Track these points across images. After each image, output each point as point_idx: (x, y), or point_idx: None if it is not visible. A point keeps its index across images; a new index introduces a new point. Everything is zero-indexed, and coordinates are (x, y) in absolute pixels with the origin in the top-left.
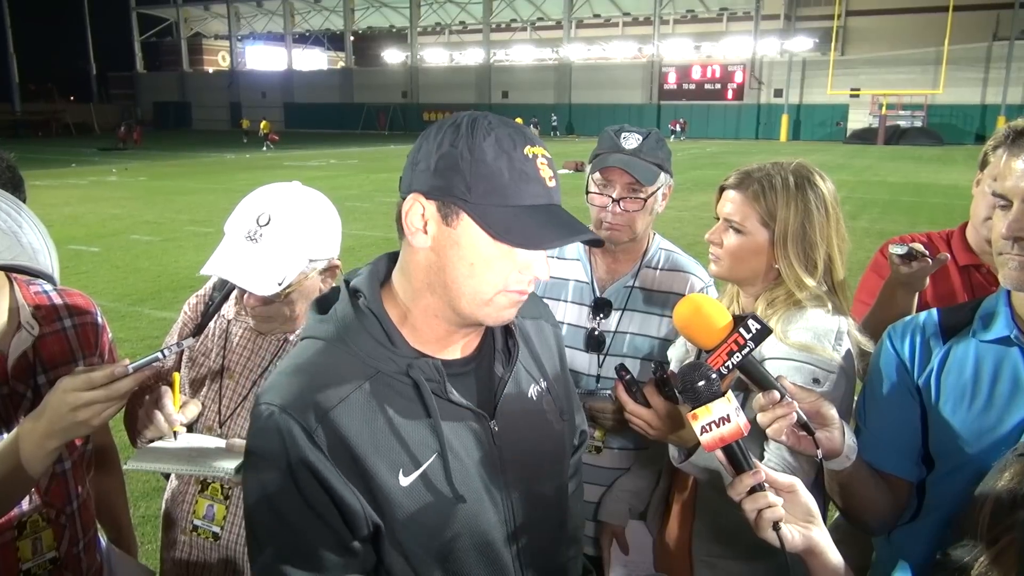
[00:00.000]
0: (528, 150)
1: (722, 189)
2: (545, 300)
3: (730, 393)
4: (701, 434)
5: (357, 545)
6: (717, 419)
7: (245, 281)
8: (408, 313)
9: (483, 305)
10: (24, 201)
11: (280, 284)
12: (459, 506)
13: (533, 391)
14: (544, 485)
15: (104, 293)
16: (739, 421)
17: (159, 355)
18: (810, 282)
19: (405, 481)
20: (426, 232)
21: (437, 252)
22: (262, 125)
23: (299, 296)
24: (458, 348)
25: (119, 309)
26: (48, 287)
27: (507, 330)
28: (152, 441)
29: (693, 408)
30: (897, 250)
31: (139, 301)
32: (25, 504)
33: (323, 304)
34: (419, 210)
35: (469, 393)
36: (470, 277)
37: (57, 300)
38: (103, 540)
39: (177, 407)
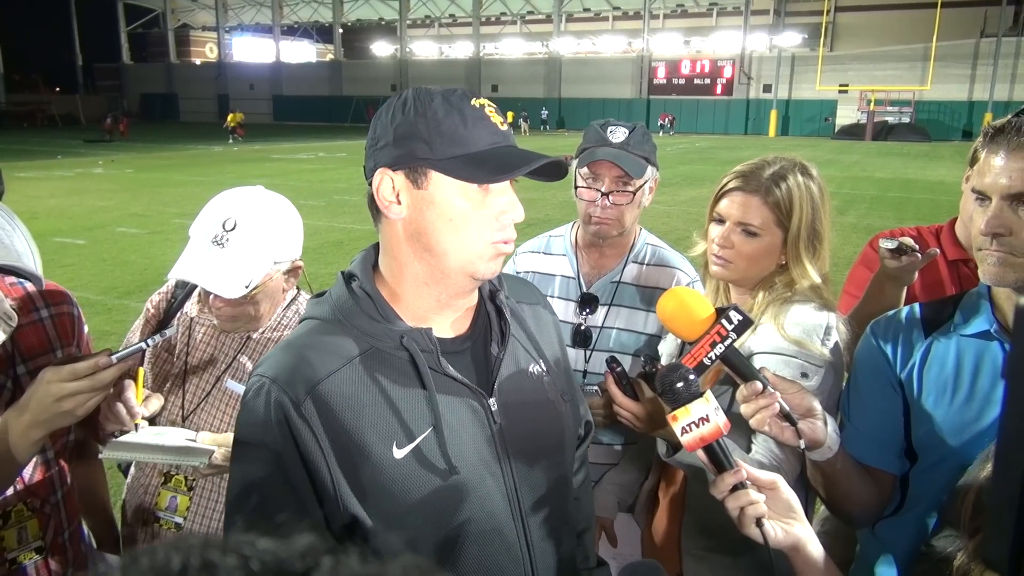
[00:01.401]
0: (475, 101)
1: (723, 191)
2: None
3: (709, 393)
4: (682, 435)
5: (321, 521)
6: (696, 419)
7: (214, 285)
8: (398, 290)
9: (471, 259)
10: (1, 193)
11: (247, 287)
12: (454, 479)
13: (532, 371)
14: (549, 465)
15: (90, 286)
16: (718, 421)
17: (143, 345)
18: (814, 274)
19: (399, 454)
20: (399, 203)
21: (414, 219)
22: (229, 117)
23: (264, 296)
24: (450, 325)
25: (105, 302)
26: (13, 282)
27: (499, 311)
28: (117, 434)
29: (673, 409)
30: (887, 244)
31: (126, 294)
32: (9, 494)
33: (320, 294)
34: (388, 183)
35: (466, 371)
36: (451, 232)
37: (33, 292)
38: (86, 532)
39: (140, 400)
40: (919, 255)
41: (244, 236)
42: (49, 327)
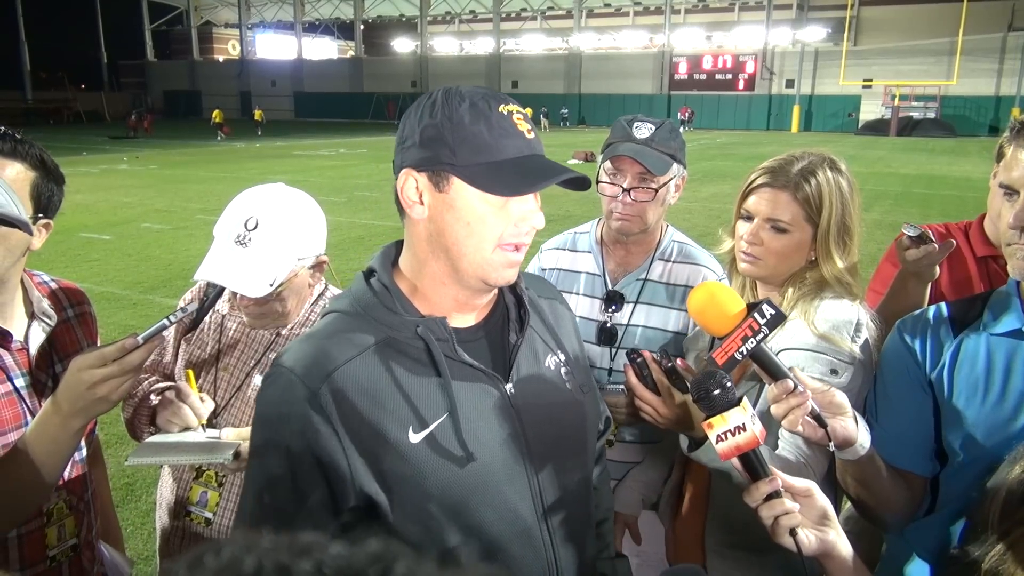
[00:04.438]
0: (503, 108)
1: (751, 187)
2: None
3: (745, 401)
4: (717, 443)
5: (340, 505)
6: (733, 428)
7: (238, 285)
8: (417, 285)
9: (484, 263)
10: (63, 181)
11: (272, 285)
12: (472, 465)
13: (550, 360)
14: (569, 452)
15: (115, 281)
16: (755, 429)
17: (165, 322)
18: (844, 270)
19: (415, 438)
20: (422, 203)
21: (435, 220)
22: (214, 114)
23: (290, 293)
24: (467, 317)
25: (131, 297)
26: (47, 277)
27: (519, 300)
28: (184, 431)
29: (708, 416)
30: (909, 231)
31: (150, 289)
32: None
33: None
34: (412, 183)
35: (482, 358)
36: (468, 236)
37: (57, 290)
38: None
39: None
40: (936, 245)
41: (266, 235)
42: (76, 326)
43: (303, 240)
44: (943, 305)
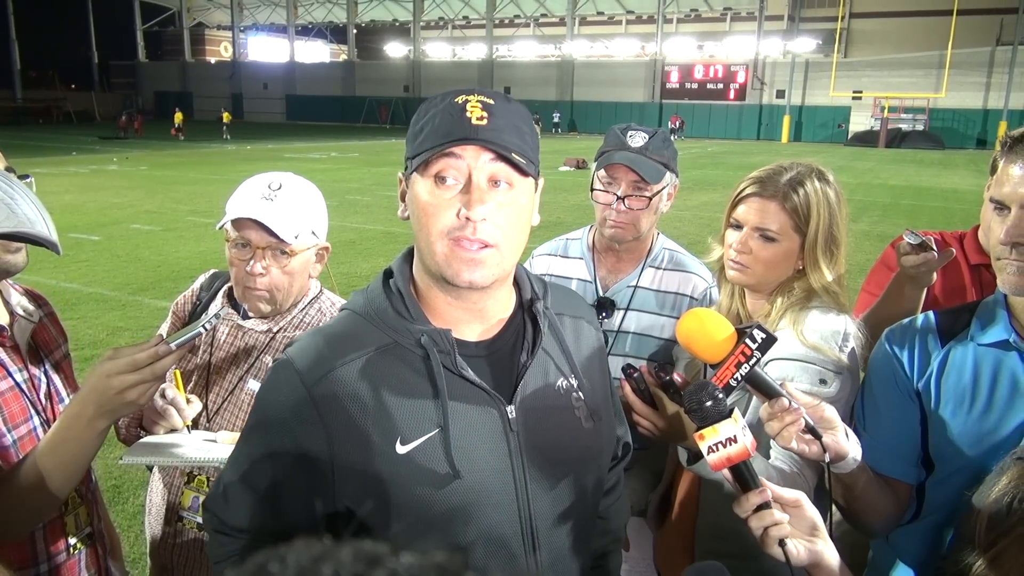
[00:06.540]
0: (459, 98)
1: (740, 196)
2: None
3: (736, 413)
4: (708, 454)
5: (318, 505)
6: (724, 439)
7: (271, 222)
8: (421, 289)
9: (435, 255)
10: None
11: (296, 238)
12: (458, 483)
13: (561, 385)
14: (568, 481)
15: (104, 282)
16: (746, 441)
17: (200, 330)
18: (831, 280)
19: (402, 449)
20: (403, 202)
21: (410, 219)
22: (176, 117)
23: (297, 271)
24: (473, 330)
25: (119, 298)
26: (10, 281)
27: (534, 320)
28: (171, 432)
29: (700, 428)
30: (911, 239)
31: (139, 290)
32: None
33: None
34: (400, 188)
35: (486, 377)
36: (420, 229)
37: (26, 294)
38: None
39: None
40: (936, 253)
41: (289, 194)
42: (49, 325)
43: (317, 215)
44: (931, 315)
